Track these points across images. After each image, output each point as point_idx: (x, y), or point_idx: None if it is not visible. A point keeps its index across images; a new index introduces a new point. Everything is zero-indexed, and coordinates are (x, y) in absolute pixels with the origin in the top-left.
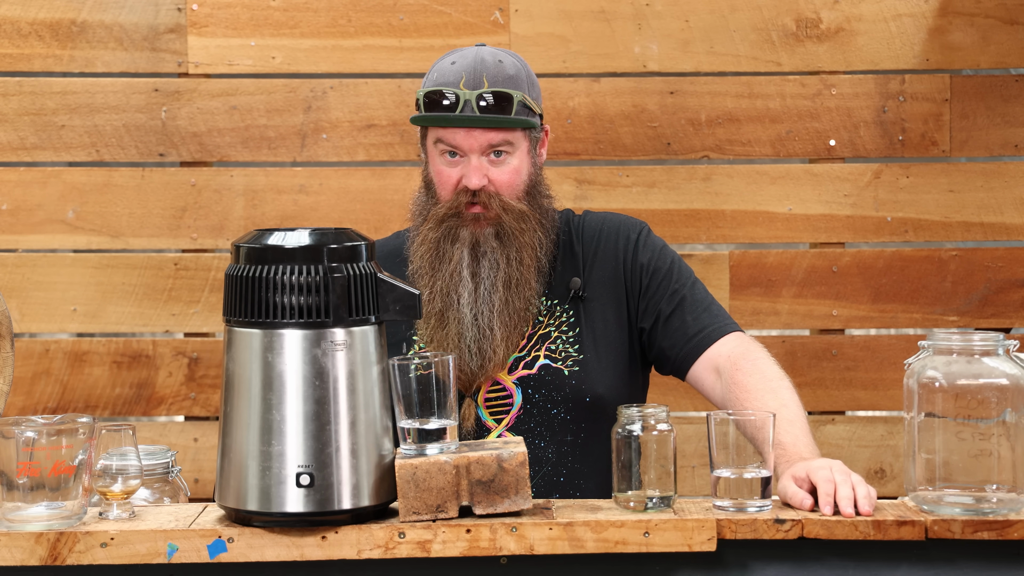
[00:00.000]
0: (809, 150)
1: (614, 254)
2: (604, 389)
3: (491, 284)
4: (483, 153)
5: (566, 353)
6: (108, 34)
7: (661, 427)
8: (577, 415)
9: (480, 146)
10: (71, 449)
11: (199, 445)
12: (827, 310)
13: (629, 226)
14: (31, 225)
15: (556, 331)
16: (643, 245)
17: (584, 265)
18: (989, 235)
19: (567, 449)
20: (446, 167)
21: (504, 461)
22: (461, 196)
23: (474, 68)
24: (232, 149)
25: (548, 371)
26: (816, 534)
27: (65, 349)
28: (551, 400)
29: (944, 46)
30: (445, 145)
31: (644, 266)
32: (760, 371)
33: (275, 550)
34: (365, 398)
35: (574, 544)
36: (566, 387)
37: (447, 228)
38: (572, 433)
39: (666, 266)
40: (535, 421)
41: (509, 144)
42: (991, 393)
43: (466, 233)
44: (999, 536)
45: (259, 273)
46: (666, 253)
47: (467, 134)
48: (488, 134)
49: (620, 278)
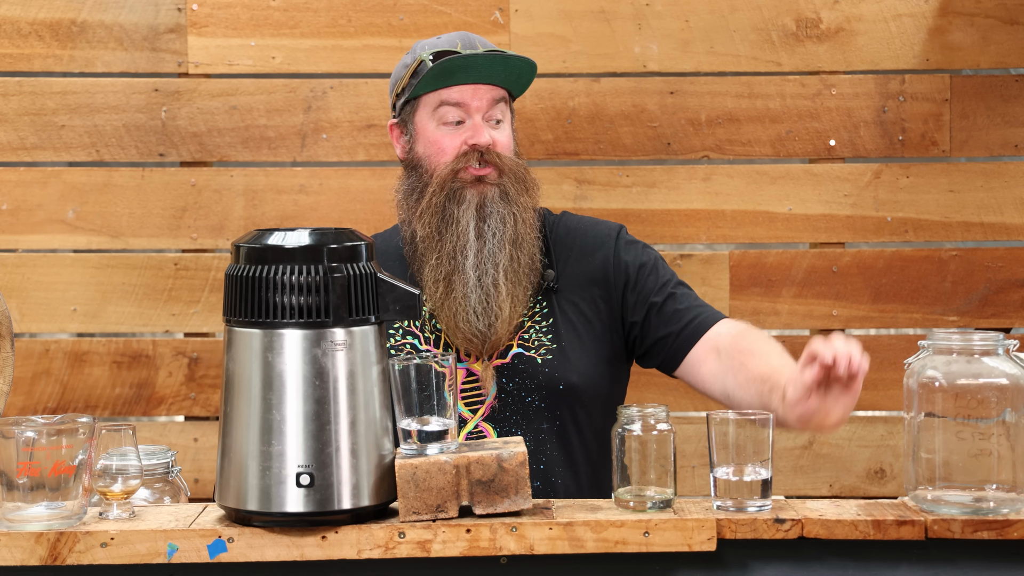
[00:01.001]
0: (809, 150)
1: (591, 253)
2: (578, 378)
3: (498, 241)
4: (485, 115)
5: (539, 342)
6: (108, 34)
7: (661, 427)
8: (552, 403)
9: (485, 103)
10: (71, 449)
11: (199, 445)
12: (827, 310)
13: (607, 226)
14: (31, 225)
15: (530, 321)
16: (625, 243)
17: (558, 261)
18: (989, 235)
19: (544, 437)
20: (446, 134)
21: (504, 461)
22: (466, 156)
23: (464, 36)
24: (232, 149)
25: (522, 360)
26: (816, 534)
27: (65, 349)
28: (525, 388)
29: (944, 46)
30: (449, 108)
31: (629, 262)
32: (763, 338)
33: (275, 550)
34: (365, 398)
35: (574, 544)
36: (540, 375)
37: (451, 190)
38: (548, 421)
39: (651, 261)
40: (510, 410)
41: (505, 105)
42: (990, 393)
43: (472, 194)
44: (999, 536)
45: (259, 273)
46: (648, 249)
47: (473, 91)
48: (493, 90)
49: (600, 277)
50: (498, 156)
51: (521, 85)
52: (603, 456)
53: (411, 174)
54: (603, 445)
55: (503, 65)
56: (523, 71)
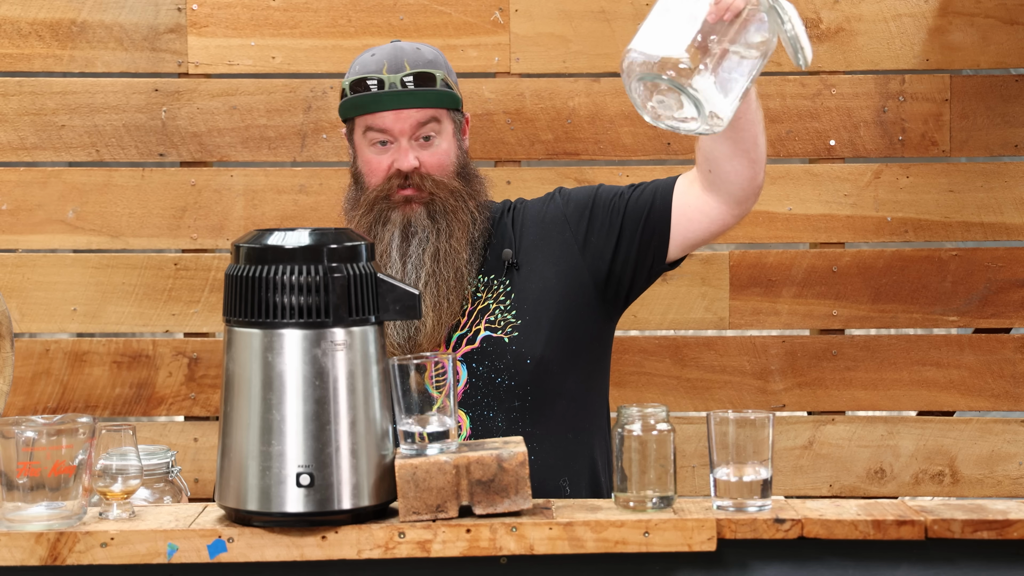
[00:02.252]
0: (809, 150)
1: (541, 217)
2: (544, 348)
3: (418, 260)
4: (412, 136)
5: (505, 321)
6: (108, 34)
7: (661, 427)
8: (521, 379)
9: (409, 127)
10: (71, 449)
11: (199, 445)
12: (827, 310)
13: (549, 192)
14: (31, 225)
15: (494, 303)
16: (565, 196)
17: (515, 237)
18: (989, 235)
19: (516, 415)
20: (376, 155)
21: (504, 461)
22: (393, 180)
23: (394, 55)
24: (232, 149)
25: (489, 342)
26: (816, 534)
27: (65, 349)
28: (494, 370)
29: (944, 46)
30: (375, 133)
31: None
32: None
33: (275, 550)
34: (365, 398)
35: (574, 544)
36: (507, 354)
37: (378, 212)
38: (519, 399)
39: (594, 191)
40: (481, 393)
41: (436, 123)
42: None
43: (397, 215)
44: (999, 536)
45: (259, 273)
46: (588, 187)
47: (395, 116)
48: (415, 113)
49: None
50: (421, 178)
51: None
52: (587, 422)
53: (353, 187)
54: (587, 411)
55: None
56: (441, 88)
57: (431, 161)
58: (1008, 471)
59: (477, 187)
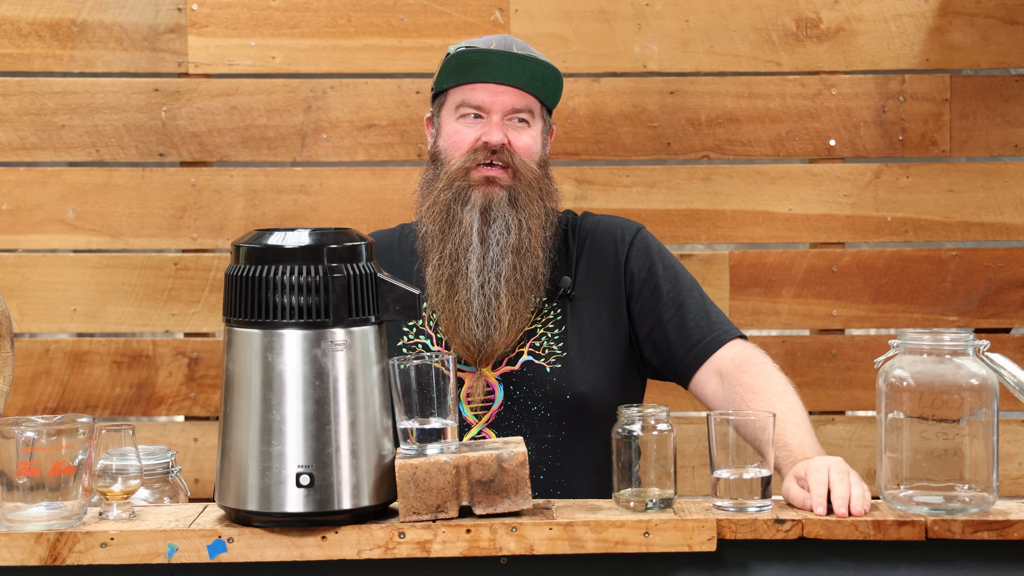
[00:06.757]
0: (809, 150)
1: (607, 255)
2: (587, 388)
3: (500, 249)
4: (505, 115)
5: (550, 350)
6: (108, 34)
7: (661, 427)
8: (558, 413)
9: (504, 107)
10: (71, 449)
11: (199, 445)
12: (827, 310)
13: (624, 227)
14: (31, 225)
15: (542, 328)
16: (636, 248)
17: (576, 265)
18: (989, 235)
19: (547, 447)
20: (464, 127)
21: (504, 461)
22: (478, 152)
23: (503, 38)
24: (232, 149)
25: (530, 368)
26: (816, 534)
27: (65, 349)
28: (532, 397)
29: (944, 46)
30: (468, 108)
31: (636, 272)
32: (765, 374)
33: (275, 550)
34: (365, 398)
35: (574, 544)
36: (547, 384)
37: (458, 189)
38: (552, 431)
39: (661, 270)
40: (515, 418)
41: (530, 113)
42: (959, 393)
43: (477, 195)
44: (999, 536)
45: (259, 273)
46: (662, 256)
47: (493, 94)
48: (513, 96)
49: (615, 280)
50: (511, 156)
51: (548, 92)
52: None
53: (431, 167)
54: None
55: (521, 66)
56: (547, 77)
57: (519, 142)
58: (1008, 471)
59: (553, 192)
